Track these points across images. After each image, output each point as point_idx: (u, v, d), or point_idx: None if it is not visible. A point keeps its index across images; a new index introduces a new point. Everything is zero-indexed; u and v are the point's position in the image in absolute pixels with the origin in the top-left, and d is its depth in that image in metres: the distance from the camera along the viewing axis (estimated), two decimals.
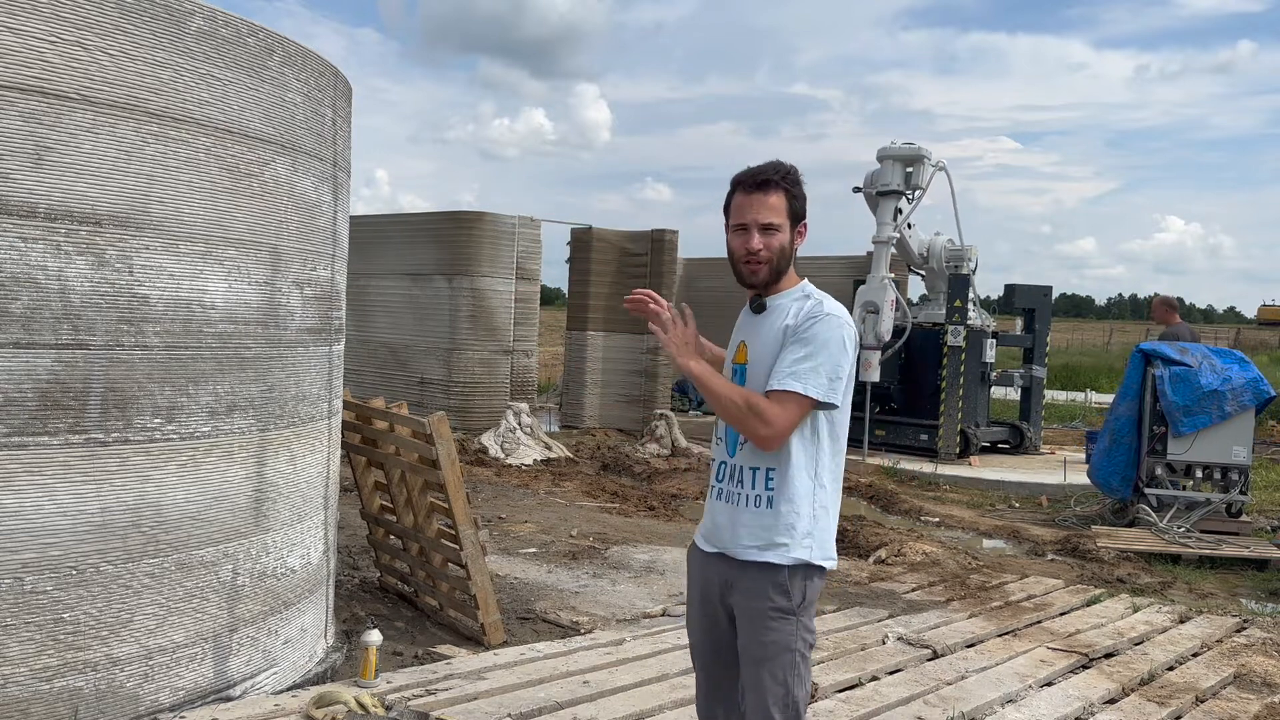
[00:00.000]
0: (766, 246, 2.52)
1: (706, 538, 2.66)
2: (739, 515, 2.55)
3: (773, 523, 2.51)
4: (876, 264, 12.33)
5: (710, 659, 2.68)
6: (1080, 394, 21.36)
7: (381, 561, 5.76)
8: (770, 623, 2.50)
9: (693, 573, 2.72)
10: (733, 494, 2.57)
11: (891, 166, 12.30)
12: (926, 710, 4.12)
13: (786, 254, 2.55)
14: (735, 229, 2.57)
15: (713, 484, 2.67)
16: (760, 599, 2.51)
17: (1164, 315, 9.89)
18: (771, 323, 2.58)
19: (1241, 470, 8.37)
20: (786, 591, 2.51)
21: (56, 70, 3.11)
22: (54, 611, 3.24)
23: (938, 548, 7.38)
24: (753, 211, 2.52)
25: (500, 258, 13.28)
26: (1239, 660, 4.98)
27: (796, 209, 2.56)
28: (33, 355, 3.14)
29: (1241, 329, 56.35)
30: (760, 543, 2.52)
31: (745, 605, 2.54)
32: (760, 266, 2.54)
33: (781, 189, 2.53)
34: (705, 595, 2.65)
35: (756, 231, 2.52)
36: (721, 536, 2.59)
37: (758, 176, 2.53)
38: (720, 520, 2.60)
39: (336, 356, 4.49)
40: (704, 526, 2.69)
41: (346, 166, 4.58)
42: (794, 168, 2.57)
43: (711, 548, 2.63)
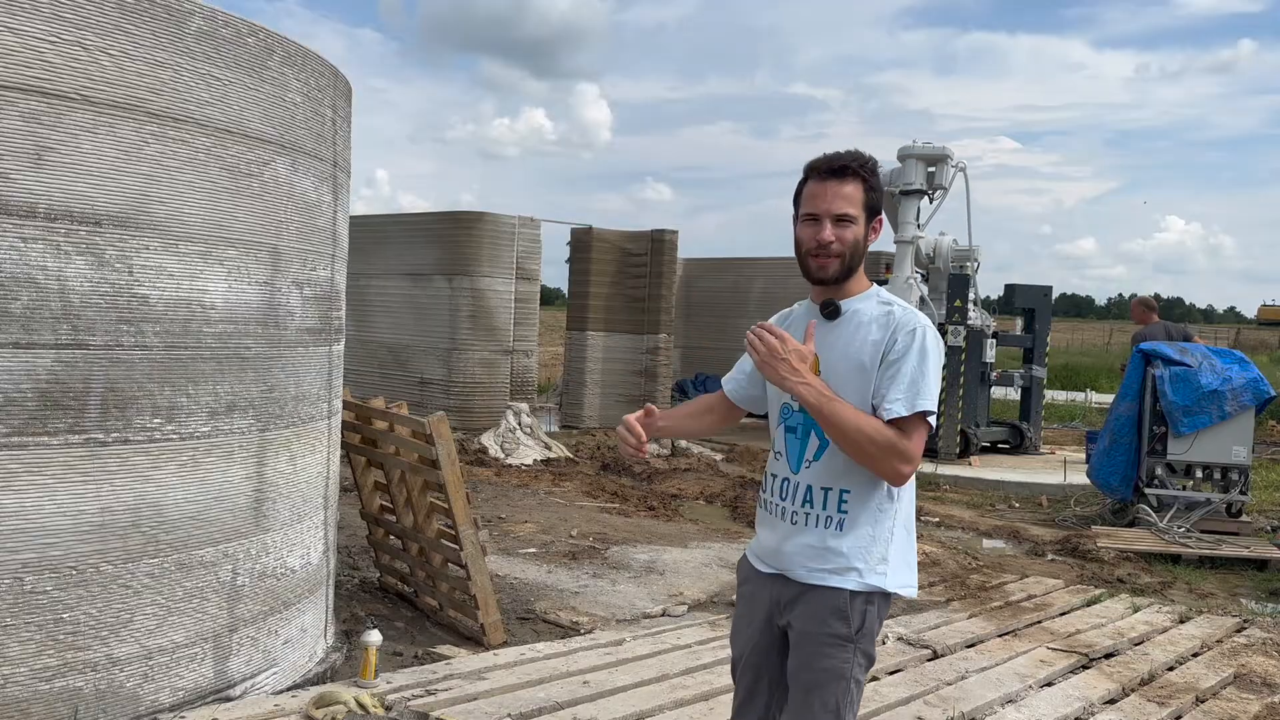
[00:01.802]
0: (839, 239, 2.32)
1: (763, 557, 2.51)
2: (803, 536, 2.39)
3: (843, 546, 2.35)
4: (900, 263, 12.26)
5: (752, 677, 2.54)
6: (1080, 394, 21.35)
7: (381, 561, 5.76)
8: (826, 649, 2.36)
9: (745, 587, 2.57)
10: (796, 514, 2.40)
11: (914, 166, 12.22)
12: (926, 710, 4.12)
13: (860, 249, 2.35)
14: (805, 219, 2.36)
15: (770, 500, 2.50)
16: (817, 623, 2.37)
17: (1141, 315, 9.88)
18: (851, 333, 2.37)
19: (1241, 470, 8.36)
20: (846, 618, 2.35)
21: (56, 70, 3.11)
22: (54, 611, 3.24)
23: (938, 548, 7.38)
24: (826, 201, 2.32)
25: (500, 258, 13.28)
26: (1239, 660, 4.98)
27: (873, 201, 2.37)
28: (32, 355, 3.14)
29: (1241, 329, 56.34)
30: (827, 566, 2.36)
31: (801, 628, 2.40)
32: (831, 261, 2.34)
33: (859, 178, 2.34)
34: (754, 612, 2.52)
35: (829, 222, 2.32)
36: (781, 558, 2.44)
37: (834, 163, 2.34)
38: (780, 540, 2.44)
39: (336, 356, 4.48)
40: (760, 545, 2.54)
41: (346, 166, 4.58)
42: (873, 158, 2.40)
43: (769, 568, 2.49)
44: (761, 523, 2.54)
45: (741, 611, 2.59)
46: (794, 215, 2.42)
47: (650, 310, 14.37)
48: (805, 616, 2.39)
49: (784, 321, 2.55)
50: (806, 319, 2.45)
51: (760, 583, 2.51)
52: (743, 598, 2.59)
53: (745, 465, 11.63)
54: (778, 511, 2.46)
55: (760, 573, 2.51)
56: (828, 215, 2.33)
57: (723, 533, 7.90)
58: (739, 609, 2.62)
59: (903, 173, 12.33)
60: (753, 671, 2.55)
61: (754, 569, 2.55)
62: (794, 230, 2.42)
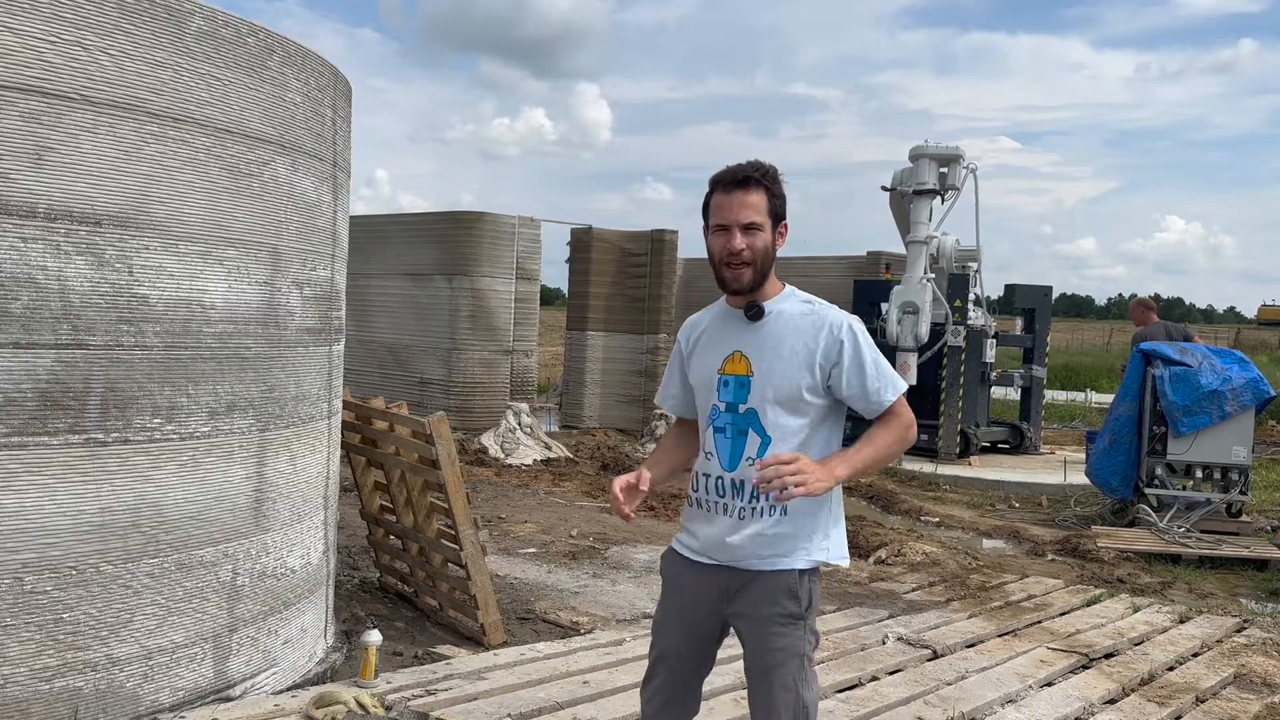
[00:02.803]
0: (749, 247, 2.43)
1: (704, 551, 2.56)
2: (749, 527, 2.48)
3: (788, 531, 2.48)
4: (913, 263, 12.18)
5: (678, 670, 2.60)
6: (1080, 394, 21.35)
7: (381, 561, 5.76)
8: (779, 629, 2.48)
9: (675, 581, 2.63)
10: (743, 509, 2.49)
11: (928, 166, 12.17)
12: (926, 710, 4.12)
13: (769, 255, 2.47)
14: (715, 230, 2.47)
15: (706, 498, 2.56)
16: (770, 605, 2.48)
17: (1141, 316, 9.88)
18: (781, 330, 2.49)
19: (1242, 470, 8.36)
20: (796, 596, 2.49)
21: (56, 70, 3.11)
22: (54, 611, 3.23)
23: (938, 548, 7.38)
24: (733, 211, 2.44)
25: (500, 258, 13.28)
26: (1239, 660, 4.98)
27: (777, 208, 2.48)
28: (32, 355, 3.14)
29: (1241, 329, 56.33)
30: (777, 550, 2.49)
31: (754, 613, 2.50)
32: (744, 269, 2.45)
33: (762, 187, 2.45)
34: (692, 603, 2.58)
35: (738, 231, 2.43)
36: (729, 551, 2.51)
37: (738, 174, 2.45)
38: (724, 533, 2.51)
39: (336, 356, 4.48)
40: (697, 540, 2.58)
41: (346, 166, 4.58)
42: (774, 167, 2.50)
43: (712, 560, 2.55)
44: (694, 519, 2.61)
45: (671, 606, 2.63)
46: (704, 227, 2.54)
47: (650, 310, 14.37)
48: (758, 601, 2.49)
49: (695, 331, 2.67)
50: (723, 323, 2.59)
51: (700, 574, 2.57)
52: (673, 591, 2.63)
53: None
54: (716, 508, 2.54)
55: (699, 564, 2.57)
56: (736, 225, 2.44)
57: None
58: (667, 604, 2.65)
59: (915, 172, 12.27)
60: (678, 672, 2.60)
61: (689, 562, 2.59)
62: (705, 241, 2.54)
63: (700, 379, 2.59)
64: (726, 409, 2.51)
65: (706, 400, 2.57)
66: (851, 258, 16.65)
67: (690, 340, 2.66)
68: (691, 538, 2.60)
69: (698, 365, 2.61)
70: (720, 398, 2.53)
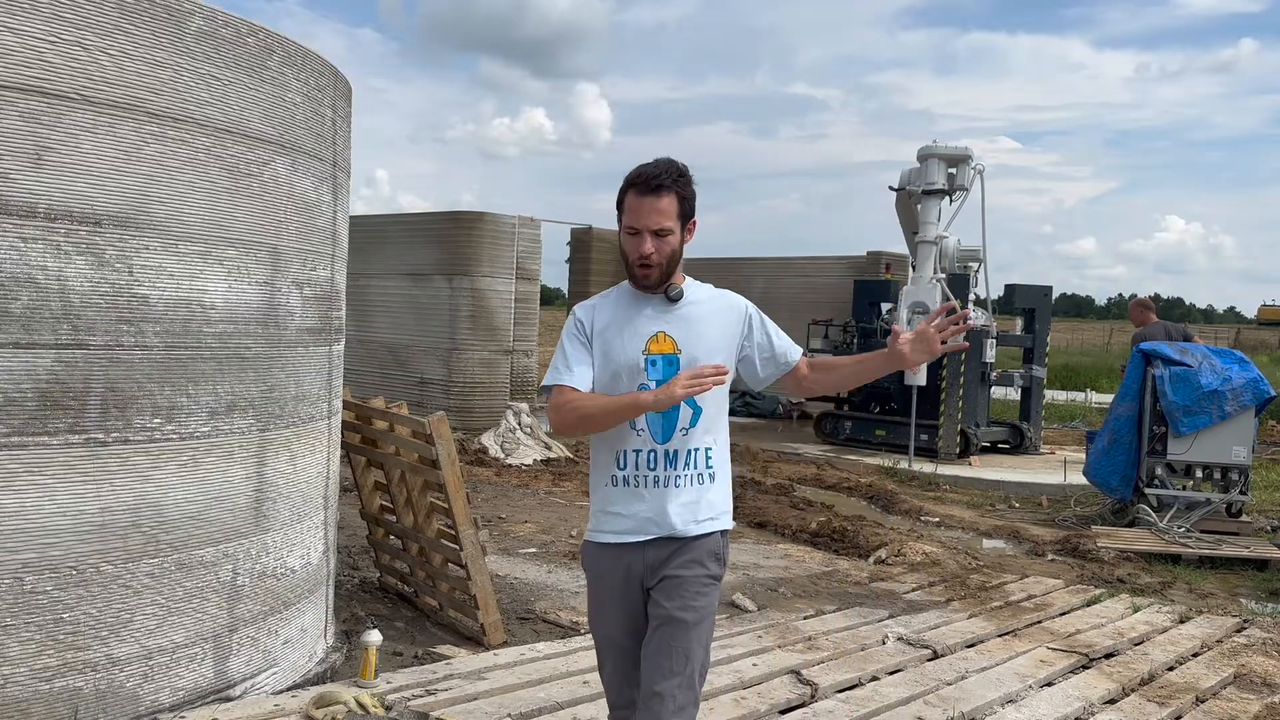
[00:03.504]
0: (658, 251, 2.60)
1: (634, 530, 2.64)
2: (682, 496, 2.63)
3: (715, 496, 2.68)
4: (923, 263, 12.17)
5: (626, 648, 2.68)
6: (1080, 394, 21.35)
7: (381, 561, 5.76)
8: (704, 588, 2.62)
9: (602, 570, 2.70)
10: (678, 477, 2.63)
11: (937, 166, 12.17)
12: (926, 710, 4.12)
13: (677, 255, 2.65)
14: (629, 232, 2.62)
15: (635, 474, 2.64)
16: (698, 566, 2.62)
17: (1140, 316, 9.87)
18: (699, 313, 2.69)
19: (1241, 470, 8.36)
20: (719, 558, 2.67)
21: (56, 70, 3.11)
22: (54, 611, 3.24)
23: (938, 548, 7.38)
24: (644, 217, 2.58)
25: (500, 258, 13.28)
26: (1239, 660, 4.98)
27: (687, 209, 2.65)
28: (32, 355, 3.14)
29: (1241, 329, 56.34)
30: (706, 515, 2.65)
31: (680, 574, 2.61)
32: (652, 270, 2.62)
33: (673, 192, 2.60)
34: (625, 584, 2.66)
35: (649, 236, 2.58)
36: (662, 521, 2.61)
37: (651, 181, 2.58)
38: (656, 507, 2.62)
39: (336, 356, 4.49)
40: (622, 521, 2.65)
41: (346, 166, 4.58)
42: (685, 167, 2.65)
43: (639, 537, 2.63)
44: (620, 500, 2.65)
45: (601, 596, 2.72)
46: (619, 218, 2.66)
47: None
48: (685, 564, 2.62)
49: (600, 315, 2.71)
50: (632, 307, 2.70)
51: (626, 555, 2.65)
52: (603, 580, 2.70)
53: (745, 465, 11.63)
54: (647, 482, 2.63)
55: (623, 546, 2.65)
56: (647, 230, 2.58)
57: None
58: (597, 595, 2.73)
59: (924, 172, 12.26)
60: (627, 651, 2.67)
61: (613, 547, 2.66)
62: (619, 235, 2.67)
63: (622, 362, 2.65)
64: (658, 384, 2.61)
65: (632, 381, 2.64)
66: (851, 258, 16.66)
67: (594, 322, 2.71)
68: (618, 519, 2.66)
69: (614, 347, 2.67)
70: (650, 376, 2.64)
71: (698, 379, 2.49)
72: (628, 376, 2.64)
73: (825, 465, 11.79)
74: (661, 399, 2.50)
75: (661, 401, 2.50)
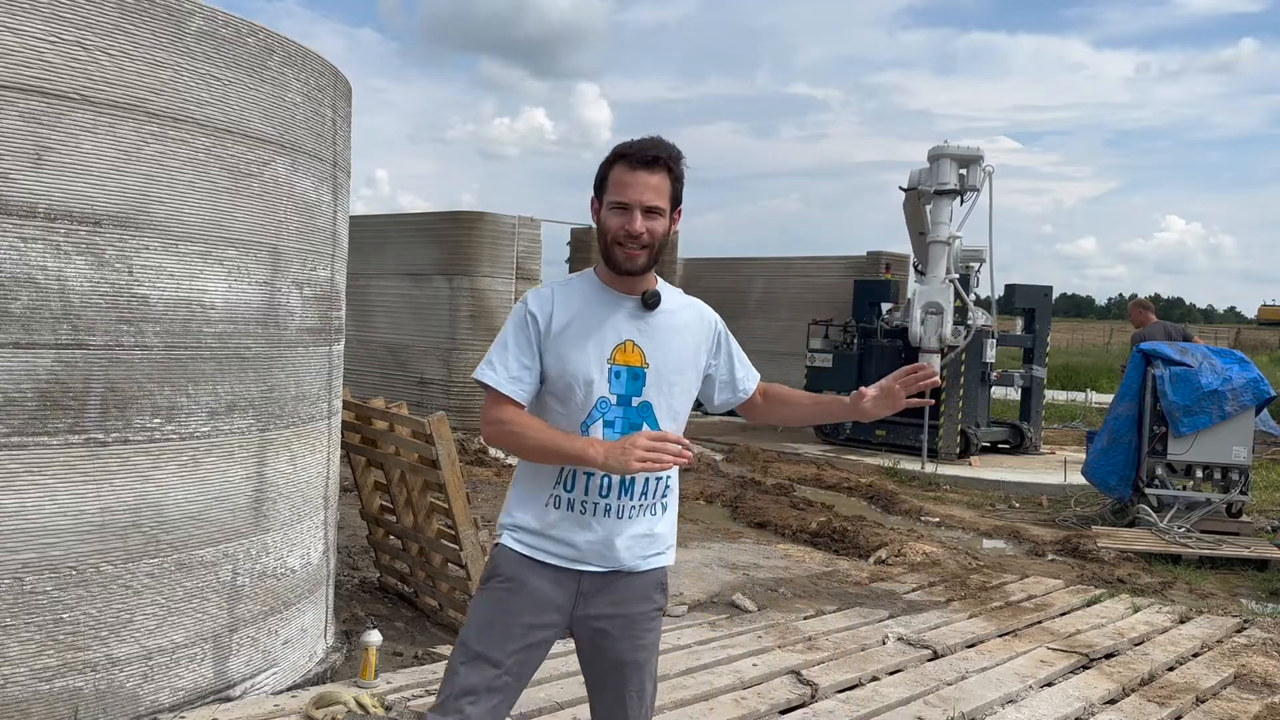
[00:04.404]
0: (650, 232, 2.30)
1: (575, 559, 2.36)
2: (634, 527, 2.37)
3: (664, 528, 2.45)
4: (935, 264, 12.14)
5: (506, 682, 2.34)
6: (1080, 394, 21.35)
7: (381, 561, 5.76)
8: (650, 623, 2.44)
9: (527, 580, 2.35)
10: (633, 507, 2.36)
11: (948, 166, 12.14)
12: (927, 710, 4.12)
13: (665, 241, 2.36)
14: (614, 207, 2.30)
15: (585, 499, 2.34)
16: (645, 602, 2.42)
17: (1140, 317, 9.87)
18: (671, 324, 2.42)
19: (1242, 470, 8.36)
20: (664, 589, 2.49)
21: (56, 70, 3.10)
22: (54, 611, 3.24)
23: (938, 548, 7.38)
24: (637, 191, 2.28)
25: (500, 258, 13.28)
26: (1239, 660, 4.98)
27: (677, 192, 2.36)
28: (32, 355, 3.14)
29: (1241, 329, 56.34)
30: (655, 550, 2.43)
31: (630, 613, 2.40)
32: (641, 253, 2.31)
33: (667, 169, 2.32)
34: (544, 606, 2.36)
35: (639, 213, 2.29)
36: (607, 555, 2.36)
37: (646, 152, 2.29)
38: (604, 537, 2.35)
39: (336, 356, 4.48)
40: (563, 547, 2.36)
41: (346, 166, 4.58)
42: (677, 147, 2.36)
43: (583, 567, 2.37)
44: (563, 525, 2.36)
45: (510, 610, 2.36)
46: (596, 198, 2.38)
47: None
48: (631, 599, 2.41)
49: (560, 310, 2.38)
50: (601, 307, 2.38)
51: (557, 578, 2.36)
52: (514, 592, 2.36)
53: (745, 465, 11.63)
54: (598, 510, 2.35)
55: (559, 568, 2.37)
56: (638, 205, 2.29)
57: (723, 533, 7.90)
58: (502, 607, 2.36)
59: (936, 173, 12.24)
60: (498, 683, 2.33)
61: (544, 565, 2.36)
62: (596, 213, 2.37)
63: (580, 368, 2.32)
64: (618, 402, 2.34)
65: (589, 391, 2.33)
66: (851, 258, 16.66)
67: (551, 320, 2.36)
68: (559, 545, 2.36)
69: (573, 352, 2.33)
70: (612, 389, 2.34)
71: (658, 454, 2.19)
72: (584, 388, 2.33)
73: (825, 465, 11.79)
74: (613, 465, 2.20)
75: (612, 467, 2.20)
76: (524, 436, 2.29)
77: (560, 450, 2.26)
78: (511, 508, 2.43)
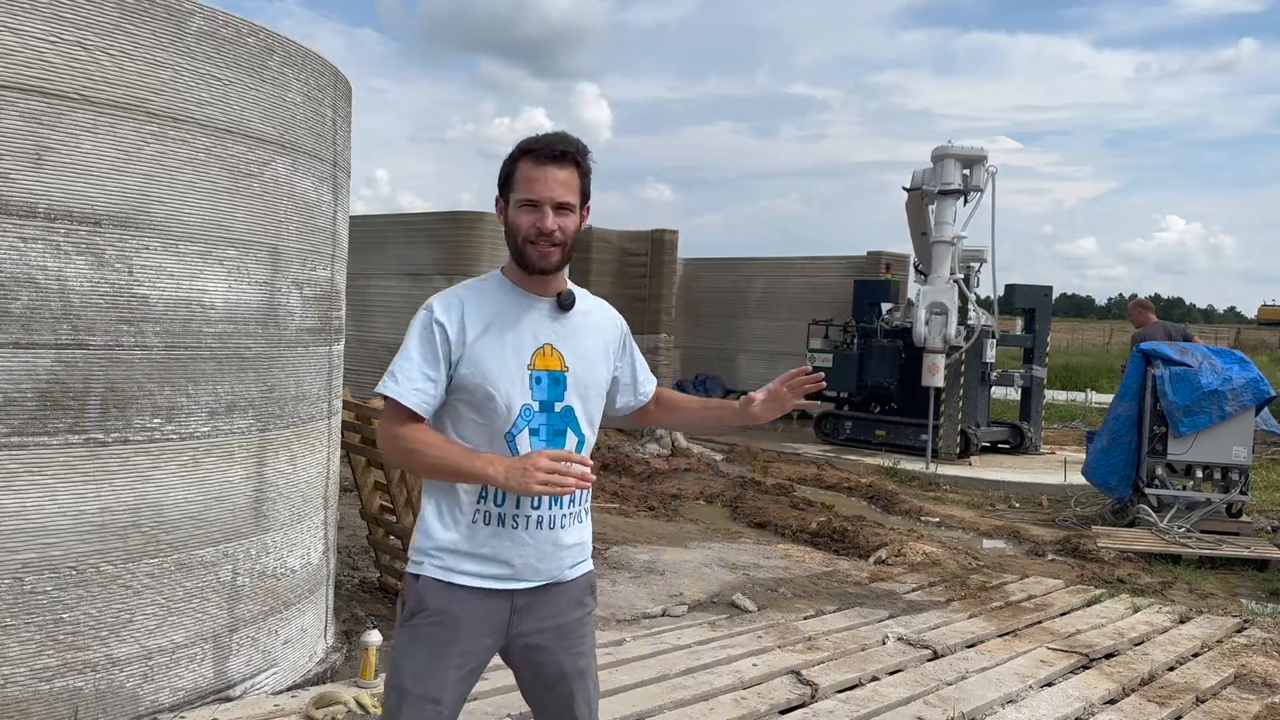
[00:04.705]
0: (561, 229, 2.23)
1: (512, 577, 2.26)
2: (567, 536, 2.30)
3: (588, 533, 2.40)
4: (939, 264, 12.15)
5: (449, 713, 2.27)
6: (1080, 394, 21.35)
7: (381, 561, 5.76)
8: (585, 626, 2.39)
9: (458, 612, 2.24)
10: (554, 518, 2.27)
11: (952, 166, 12.15)
12: (927, 710, 4.12)
13: (576, 239, 2.29)
14: (524, 204, 2.22)
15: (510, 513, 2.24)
16: (579, 607, 2.37)
17: (1140, 317, 9.88)
18: (585, 325, 2.36)
19: (1242, 470, 8.36)
20: (594, 590, 2.43)
21: (56, 70, 3.11)
22: (54, 612, 3.24)
23: (938, 548, 7.38)
24: (547, 188, 2.21)
25: (500, 258, 13.20)
26: (1239, 660, 4.98)
27: (586, 187, 2.30)
28: (32, 355, 3.14)
29: (1241, 329, 56.34)
30: (583, 556, 2.39)
31: (561, 621, 2.33)
32: (554, 250, 2.24)
33: (575, 165, 2.25)
34: (477, 633, 2.26)
35: (550, 210, 2.21)
36: (542, 569, 2.28)
37: (554, 148, 2.22)
38: (537, 550, 2.26)
39: (336, 356, 4.48)
40: (498, 567, 2.25)
41: (346, 166, 4.58)
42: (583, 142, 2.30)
43: (519, 584, 2.27)
44: (492, 541, 2.24)
45: (444, 646, 2.24)
46: (503, 196, 2.29)
47: (650, 310, 14.38)
48: (566, 608, 2.34)
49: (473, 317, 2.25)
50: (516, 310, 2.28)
51: (490, 602, 2.26)
52: (445, 626, 2.24)
53: (745, 465, 11.63)
54: (529, 523, 2.25)
55: (490, 591, 2.25)
56: (549, 202, 2.22)
57: (723, 533, 7.90)
58: (436, 643, 2.24)
59: (940, 173, 12.25)
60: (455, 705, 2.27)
61: (477, 591, 2.24)
62: (503, 212, 2.29)
63: (501, 376, 2.22)
64: (541, 408, 2.26)
65: (511, 399, 2.23)
66: (851, 258, 16.66)
67: (464, 328, 2.23)
68: (488, 563, 2.24)
69: (491, 360, 2.22)
70: (534, 396, 2.25)
71: (560, 476, 2.11)
72: (505, 397, 2.22)
73: (825, 465, 11.79)
74: (513, 485, 2.10)
75: (513, 488, 2.11)
76: (424, 454, 2.17)
77: (461, 468, 2.15)
78: (430, 529, 2.27)
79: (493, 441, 2.23)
